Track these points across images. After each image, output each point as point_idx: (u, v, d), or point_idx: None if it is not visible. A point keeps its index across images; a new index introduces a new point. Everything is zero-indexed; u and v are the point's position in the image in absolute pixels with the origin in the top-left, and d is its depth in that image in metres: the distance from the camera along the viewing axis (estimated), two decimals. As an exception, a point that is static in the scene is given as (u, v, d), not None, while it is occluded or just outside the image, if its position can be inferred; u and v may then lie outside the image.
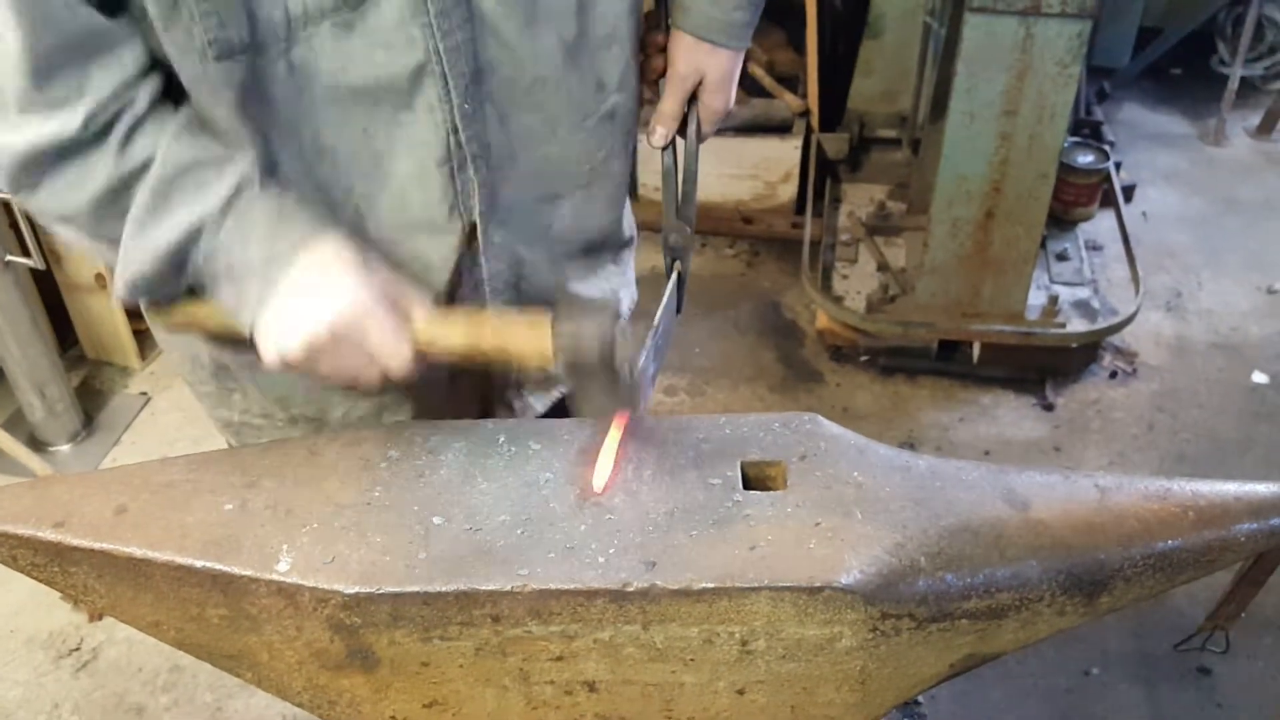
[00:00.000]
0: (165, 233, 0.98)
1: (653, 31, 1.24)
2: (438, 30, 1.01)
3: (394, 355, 1.00)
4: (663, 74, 1.23)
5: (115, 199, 0.97)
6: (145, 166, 0.97)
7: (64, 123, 0.93)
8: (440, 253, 1.13)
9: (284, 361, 0.98)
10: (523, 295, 1.23)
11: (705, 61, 1.22)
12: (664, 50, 1.23)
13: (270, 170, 1.02)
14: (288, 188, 1.03)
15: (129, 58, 0.95)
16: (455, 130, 1.07)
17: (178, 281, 1.02)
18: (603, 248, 1.31)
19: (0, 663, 2.29)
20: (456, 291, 1.17)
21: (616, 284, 1.36)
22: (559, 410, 1.36)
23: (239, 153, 0.99)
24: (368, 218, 1.09)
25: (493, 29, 1.04)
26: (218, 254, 0.99)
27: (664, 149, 1.25)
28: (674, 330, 1.22)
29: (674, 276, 1.24)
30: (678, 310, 1.25)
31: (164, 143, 0.97)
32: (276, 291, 0.98)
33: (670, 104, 1.23)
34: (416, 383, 1.05)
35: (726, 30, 1.21)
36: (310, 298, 0.98)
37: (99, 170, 0.96)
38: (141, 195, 0.97)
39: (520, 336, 1.02)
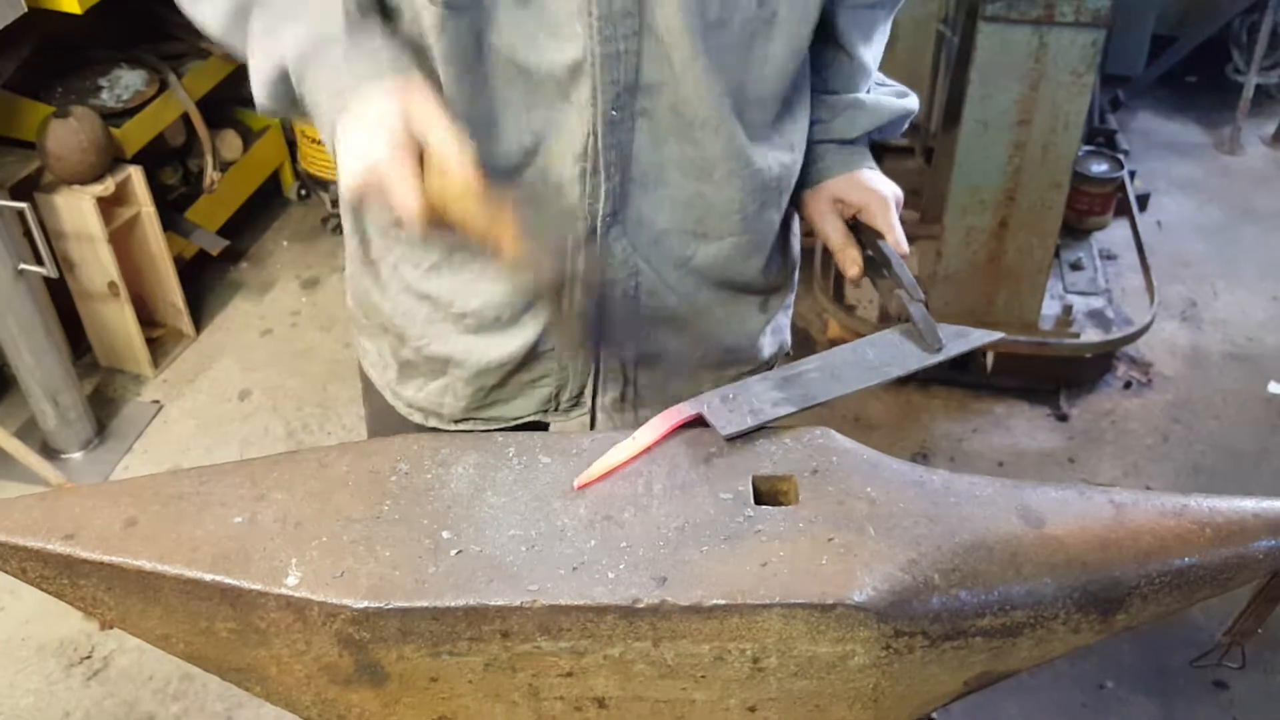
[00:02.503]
0: (265, 59, 1.04)
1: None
2: (598, 33, 1.03)
3: (405, 210, 0.99)
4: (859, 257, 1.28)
5: (240, 19, 1.05)
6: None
7: None
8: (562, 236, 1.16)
9: (353, 178, 1.00)
10: (641, 308, 1.23)
11: (832, 190, 1.28)
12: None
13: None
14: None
15: None
16: (595, 134, 1.09)
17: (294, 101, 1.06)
18: (746, 290, 1.30)
19: (12, 671, 2.30)
20: (565, 282, 1.18)
21: (757, 327, 1.35)
22: None
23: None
24: (512, 184, 1.13)
25: (664, 50, 1.06)
26: (302, 87, 1.04)
27: (867, 272, 1.27)
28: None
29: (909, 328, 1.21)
30: (934, 349, 1.18)
31: None
32: (337, 125, 1.01)
33: (834, 238, 1.28)
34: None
35: (830, 170, 1.28)
36: (346, 148, 1.00)
37: None
38: (255, 22, 1.05)
39: (507, 239, 1.02)
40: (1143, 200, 3.55)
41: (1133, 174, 3.46)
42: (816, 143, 1.29)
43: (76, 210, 2.69)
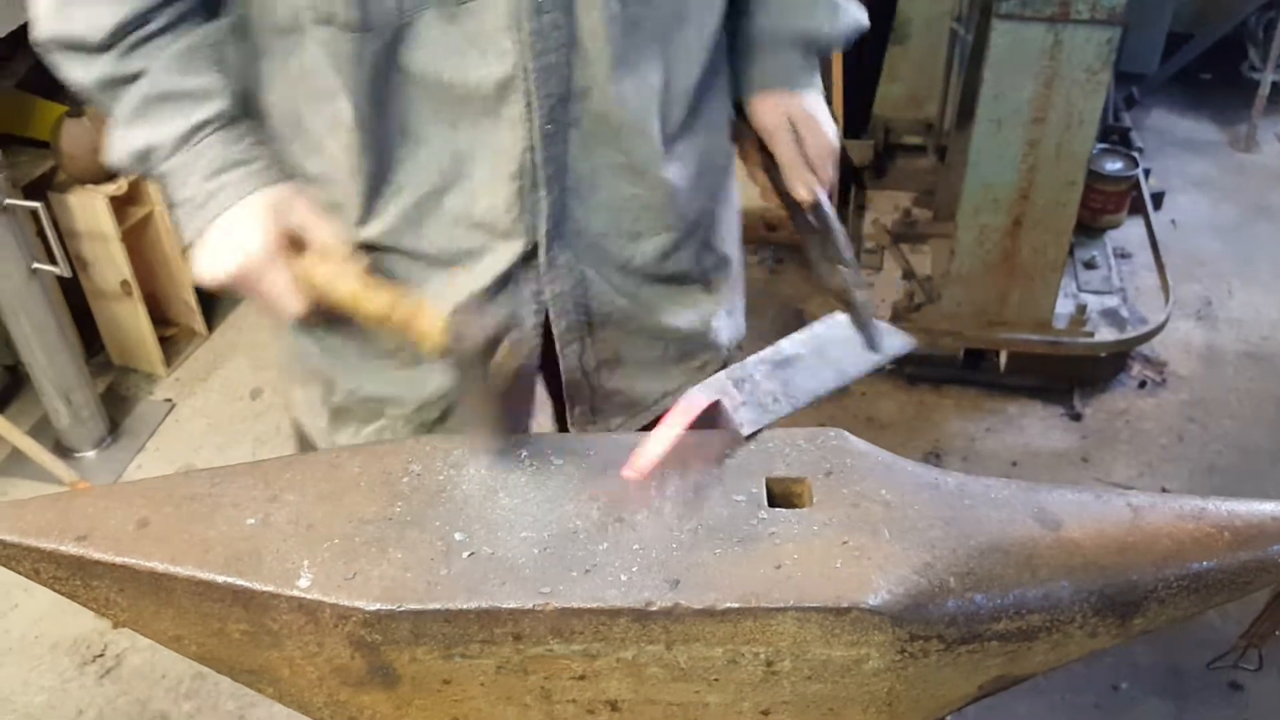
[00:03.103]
0: (133, 139, 1.09)
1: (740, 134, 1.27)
2: (531, 47, 1.03)
3: (283, 305, 1.10)
4: (761, 161, 1.26)
5: (110, 90, 1.08)
6: (136, 77, 1.07)
7: (90, 29, 1.05)
8: (496, 258, 1.15)
9: (217, 282, 1.10)
10: (592, 315, 1.23)
11: (785, 105, 1.24)
12: (754, 143, 1.26)
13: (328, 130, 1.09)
14: (340, 149, 1.10)
15: None
16: (533, 149, 1.08)
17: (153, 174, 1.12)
18: (687, 279, 1.29)
19: (25, 669, 2.30)
20: (498, 295, 1.17)
21: (708, 312, 1.33)
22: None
23: (220, 92, 1.09)
24: (434, 207, 1.12)
25: (589, 59, 1.06)
26: (166, 179, 1.10)
27: (817, 209, 1.23)
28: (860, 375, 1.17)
29: (852, 316, 1.20)
30: (873, 348, 1.19)
31: (156, 65, 1.06)
32: (209, 228, 1.09)
33: (786, 153, 1.24)
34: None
35: (787, 76, 1.24)
36: (220, 247, 1.08)
37: (99, 66, 1.07)
38: (127, 100, 1.08)
39: (418, 317, 1.04)
40: (1157, 198, 3.52)
41: (1147, 172, 3.43)
42: (785, 41, 1.25)
43: (90, 209, 2.70)
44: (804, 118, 1.24)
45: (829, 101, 3.44)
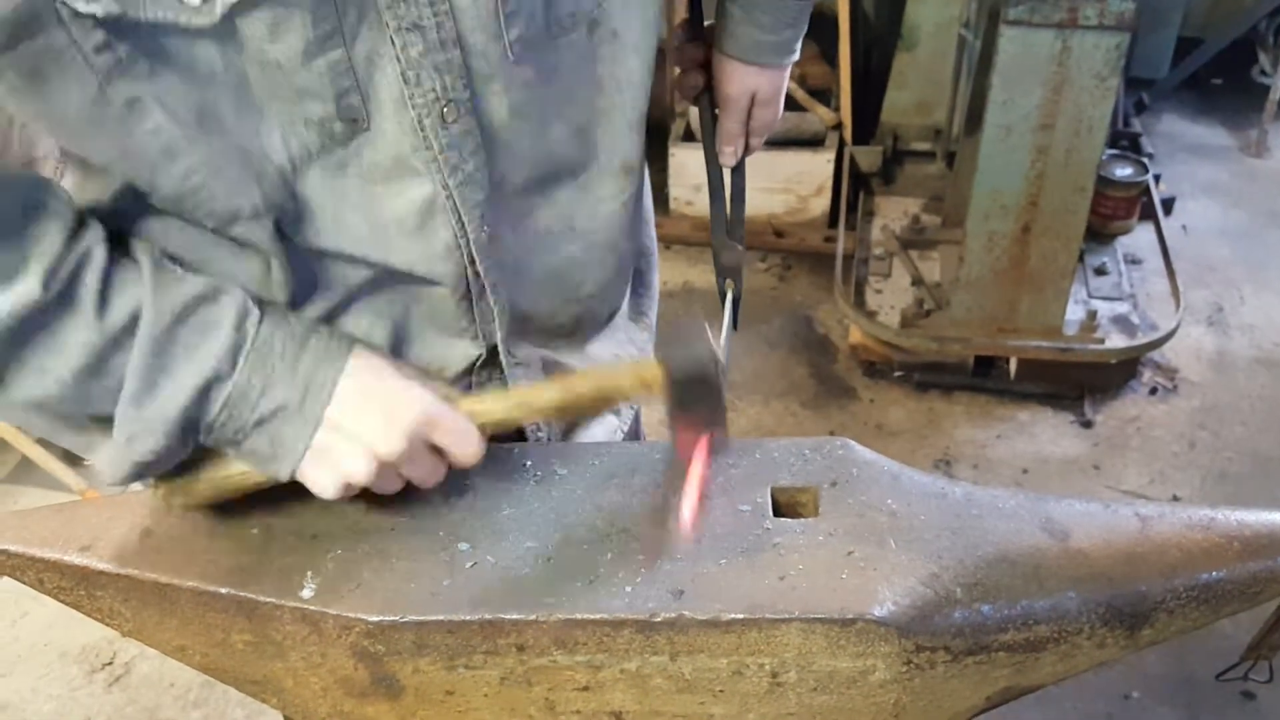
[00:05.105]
0: (173, 396, 0.86)
1: (689, 45, 1.22)
2: (444, 165, 0.91)
3: (468, 445, 0.94)
4: (700, 90, 1.22)
5: (100, 370, 0.84)
6: (133, 323, 0.84)
7: (19, 292, 0.80)
8: (451, 372, 1.08)
9: (347, 488, 0.92)
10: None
11: (756, 81, 1.21)
12: (702, 66, 1.21)
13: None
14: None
15: (63, 206, 0.84)
16: (473, 260, 0.99)
17: (187, 449, 0.91)
18: (619, 311, 1.24)
19: (34, 677, 2.31)
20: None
21: (641, 341, 1.27)
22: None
23: (223, 281, 0.89)
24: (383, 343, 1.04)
25: (506, 145, 0.96)
26: (239, 405, 0.88)
27: (734, 169, 1.25)
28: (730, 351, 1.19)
29: (729, 298, 1.23)
30: (734, 328, 1.23)
31: (146, 291, 0.85)
32: (323, 424, 0.90)
33: (733, 124, 1.23)
34: None
35: (775, 50, 1.20)
36: (369, 420, 0.90)
37: (76, 338, 0.83)
38: (135, 359, 0.84)
39: (620, 377, 0.96)
40: (1168, 204, 3.52)
41: (1157, 178, 3.43)
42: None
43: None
44: (766, 97, 1.22)
45: (837, 107, 3.43)
